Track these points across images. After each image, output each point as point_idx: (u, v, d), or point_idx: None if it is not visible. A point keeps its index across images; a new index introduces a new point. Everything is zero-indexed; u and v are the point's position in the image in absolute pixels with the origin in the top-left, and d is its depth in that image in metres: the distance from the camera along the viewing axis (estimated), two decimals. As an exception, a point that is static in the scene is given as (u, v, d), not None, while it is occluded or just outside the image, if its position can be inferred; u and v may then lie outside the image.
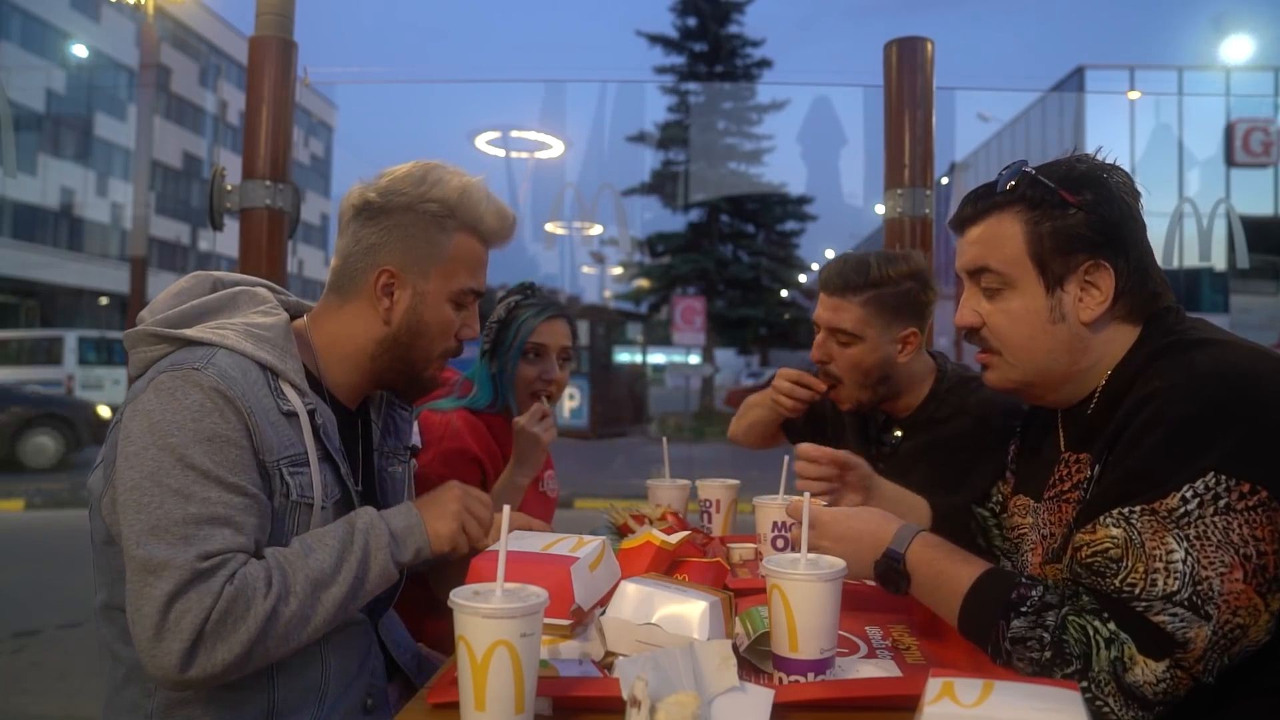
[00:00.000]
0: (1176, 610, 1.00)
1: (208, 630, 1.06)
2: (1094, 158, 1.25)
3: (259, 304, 1.36)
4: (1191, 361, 1.11)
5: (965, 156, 29.44)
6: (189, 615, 1.05)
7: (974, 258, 1.27)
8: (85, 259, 30.43)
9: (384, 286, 1.34)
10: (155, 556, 1.06)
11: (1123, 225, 1.19)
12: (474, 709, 0.87)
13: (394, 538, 1.25)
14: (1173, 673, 1.00)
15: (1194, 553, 1.01)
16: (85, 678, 3.85)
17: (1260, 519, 0.99)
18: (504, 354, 2.01)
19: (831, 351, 1.85)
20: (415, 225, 1.34)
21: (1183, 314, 1.22)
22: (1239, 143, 24.76)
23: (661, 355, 27.65)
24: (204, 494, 1.11)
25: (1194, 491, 1.01)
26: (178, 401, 1.15)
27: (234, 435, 1.16)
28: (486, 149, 15.83)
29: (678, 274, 26.53)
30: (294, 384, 1.26)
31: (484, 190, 1.38)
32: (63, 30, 28.19)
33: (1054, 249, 1.20)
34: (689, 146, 26.28)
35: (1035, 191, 1.21)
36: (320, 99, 41.76)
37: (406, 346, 1.36)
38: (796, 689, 1.02)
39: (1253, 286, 23.25)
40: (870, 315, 1.80)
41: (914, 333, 1.83)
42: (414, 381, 1.41)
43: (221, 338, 1.23)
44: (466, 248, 1.37)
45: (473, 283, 1.39)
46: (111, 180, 31.21)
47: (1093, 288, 1.20)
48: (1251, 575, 0.99)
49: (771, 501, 1.65)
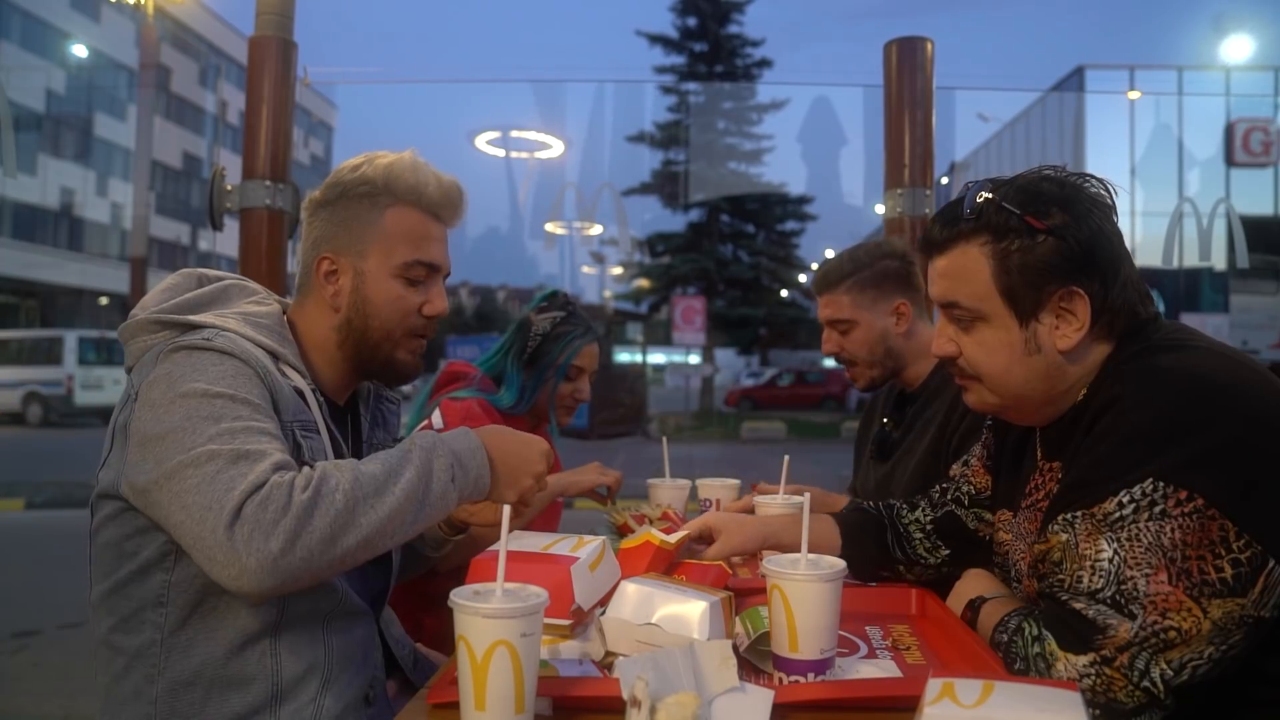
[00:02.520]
0: (1100, 607, 1.02)
1: (257, 497, 1.01)
2: (1061, 170, 1.20)
3: (251, 295, 1.38)
4: (1154, 368, 1.10)
5: (965, 156, 29.45)
6: (228, 498, 1.01)
7: (943, 291, 1.23)
8: (85, 259, 30.43)
9: (326, 273, 1.36)
10: (195, 455, 1.04)
11: (1095, 245, 1.14)
12: (474, 709, 0.87)
13: (456, 461, 1.19)
14: (1099, 669, 1.01)
15: (1122, 553, 1.02)
16: (85, 678, 3.83)
17: (1193, 525, 0.99)
18: (545, 368, 2.11)
19: (838, 342, 2.02)
20: (348, 209, 1.36)
21: (1161, 322, 1.20)
22: (1239, 143, 24.73)
23: (661, 355, 27.70)
24: (235, 412, 1.11)
25: (1131, 497, 1.02)
26: (194, 360, 1.16)
27: (253, 385, 1.17)
28: (486, 149, 15.81)
29: (678, 274, 26.54)
30: (294, 366, 1.29)
31: (415, 163, 1.38)
32: (63, 30, 28.18)
33: (1024, 282, 1.15)
34: (689, 146, 26.29)
35: (1000, 219, 1.16)
36: (320, 99, 41.77)
37: (361, 330, 1.36)
38: (796, 689, 1.02)
39: (1253, 286, 23.22)
40: (855, 298, 1.97)
41: (903, 303, 1.97)
42: (388, 365, 1.40)
43: (224, 323, 1.26)
44: (404, 221, 1.36)
45: (417, 255, 1.36)
46: (111, 180, 31.22)
47: (1069, 314, 1.16)
48: (1177, 578, 0.99)
49: (772, 501, 1.65)
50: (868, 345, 1.98)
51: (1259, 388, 1.07)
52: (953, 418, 1.85)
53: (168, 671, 1.19)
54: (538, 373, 2.11)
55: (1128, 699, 1.00)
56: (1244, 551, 0.99)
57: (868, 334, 1.97)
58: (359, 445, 1.47)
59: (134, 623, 1.21)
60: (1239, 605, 0.99)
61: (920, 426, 1.96)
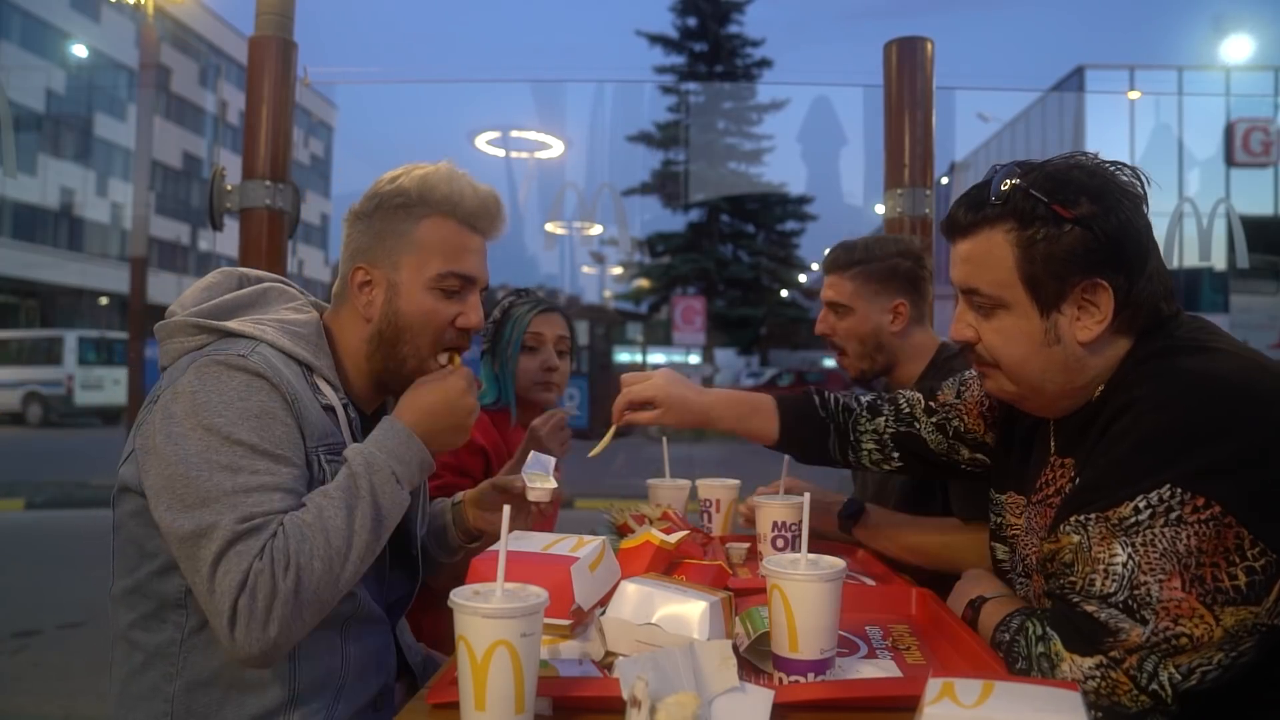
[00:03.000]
0: (1111, 610, 1.01)
1: (246, 593, 1.05)
2: (1093, 158, 1.18)
3: (290, 300, 1.39)
4: (1174, 370, 1.09)
5: (965, 156, 29.42)
6: (229, 577, 1.06)
7: (964, 276, 1.21)
8: (85, 259, 30.41)
9: (360, 284, 1.36)
10: (204, 523, 1.08)
11: (1123, 238, 1.11)
12: (474, 709, 0.87)
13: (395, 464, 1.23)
14: (1105, 672, 1.00)
15: (1136, 558, 1.00)
16: (85, 678, 3.84)
17: (1209, 532, 0.98)
18: (504, 350, 2.10)
19: (832, 324, 2.01)
20: (384, 220, 1.36)
21: (1182, 318, 1.17)
22: (1239, 143, 24.73)
23: (661, 355, 27.69)
24: (253, 466, 1.13)
25: (1147, 502, 1.01)
26: (222, 383, 1.17)
27: (279, 413, 1.18)
28: (486, 149, 15.81)
29: (678, 274, 26.56)
30: (328, 380, 1.30)
31: (451, 173, 1.36)
32: (63, 30, 28.16)
33: (1047, 272, 1.13)
34: (689, 146, 26.30)
35: (1027, 206, 1.13)
36: (320, 99, 41.73)
37: (392, 342, 1.35)
38: (796, 689, 1.02)
39: (1253, 286, 23.19)
40: (859, 287, 1.96)
41: (903, 303, 1.96)
42: (407, 381, 1.37)
43: (261, 332, 1.26)
44: (438, 232, 1.34)
45: (451, 267, 1.34)
46: (111, 180, 31.20)
47: (1091, 306, 1.13)
48: (1190, 584, 0.98)
49: (771, 501, 1.66)
50: (859, 336, 1.97)
51: (1278, 393, 1.05)
52: None
53: (186, 671, 1.19)
54: (500, 358, 2.11)
55: (1131, 703, 1.00)
56: (1258, 560, 0.98)
57: (861, 325, 1.96)
58: None
59: (155, 621, 1.22)
60: (1252, 613, 0.98)
61: None
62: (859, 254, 1.97)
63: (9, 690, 3.86)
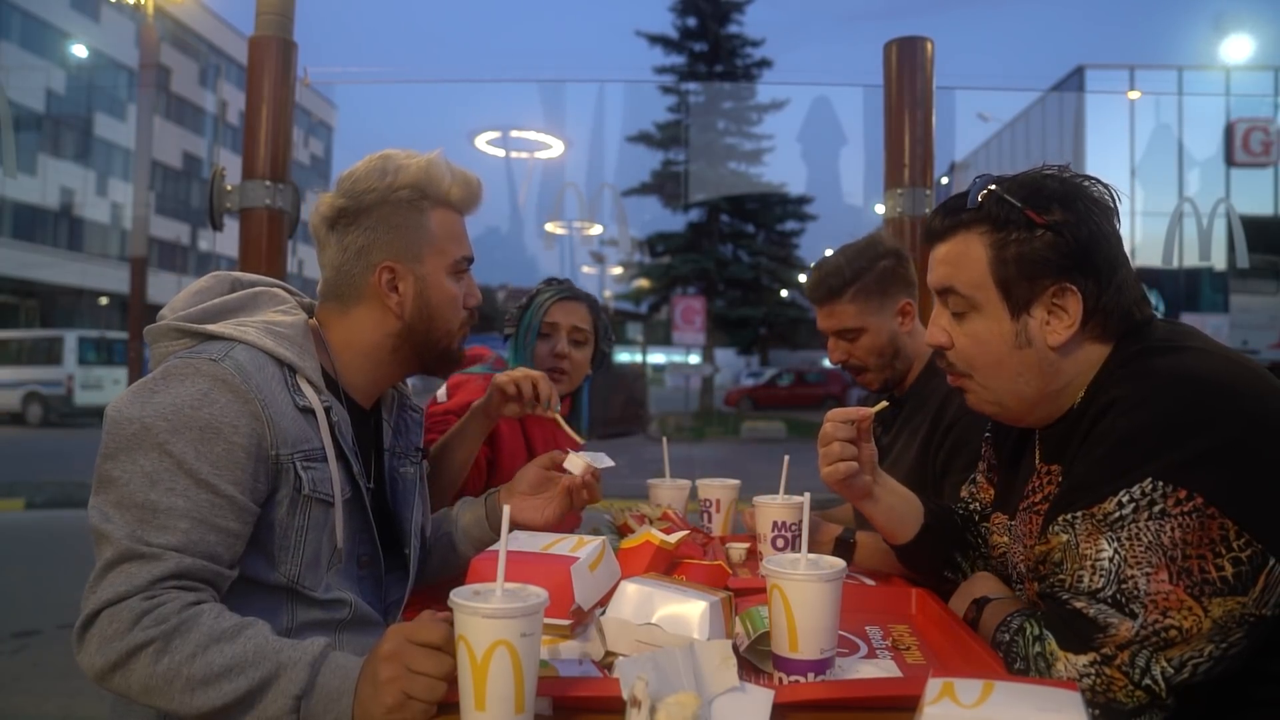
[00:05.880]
0: (1100, 606, 1.03)
1: (109, 613, 1.05)
2: (1067, 171, 1.22)
3: (278, 304, 1.38)
4: (1151, 369, 1.11)
5: (965, 156, 29.48)
6: (94, 596, 1.07)
7: (940, 278, 1.25)
8: (85, 259, 30.42)
9: (388, 283, 1.36)
10: (104, 527, 1.09)
11: (1093, 245, 1.15)
12: (474, 709, 0.87)
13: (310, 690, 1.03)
14: (1099, 669, 1.01)
15: (1122, 552, 1.02)
16: (84, 678, 3.84)
17: (1193, 523, 1.00)
18: (523, 335, 2.16)
19: (847, 350, 1.97)
20: (395, 215, 1.36)
21: (1158, 324, 1.21)
22: (1239, 142, 24.76)
23: (661, 355, 27.71)
24: (170, 483, 1.11)
25: (1130, 496, 1.03)
26: (180, 385, 1.16)
27: (228, 430, 1.15)
28: (486, 149, 15.84)
29: (678, 274, 26.55)
30: (311, 381, 1.28)
31: (444, 162, 1.41)
32: (63, 30, 28.17)
33: (1018, 274, 1.17)
34: (689, 146, 26.30)
35: (1001, 211, 1.18)
36: (320, 99, 41.76)
37: (424, 332, 1.39)
38: (796, 689, 1.02)
39: (1253, 286, 23.22)
40: (861, 305, 1.92)
41: (908, 302, 1.95)
42: (442, 358, 1.44)
43: (243, 334, 1.25)
44: (446, 221, 1.41)
45: (463, 251, 1.43)
46: (111, 180, 31.21)
47: (1060, 310, 1.17)
48: (1177, 576, 1.00)
49: (771, 501, 1.65)
50: (877, 350, 1.93)
51: (1257, 389, 1.07)
52: (936, 432, 1.83)
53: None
54: (519, 342, 2.17)
55: (1127, 699, 1.01)
56: (1244, 550, 0.99)
57: (876, 339, 1.93)
58: (381, 452, 1.46)
59: None
60: (1239, 604, 1.00)
61: (907, 434, 1.94)
62: (847, 275, 1.91)
63: (9, 690, 3.86)
